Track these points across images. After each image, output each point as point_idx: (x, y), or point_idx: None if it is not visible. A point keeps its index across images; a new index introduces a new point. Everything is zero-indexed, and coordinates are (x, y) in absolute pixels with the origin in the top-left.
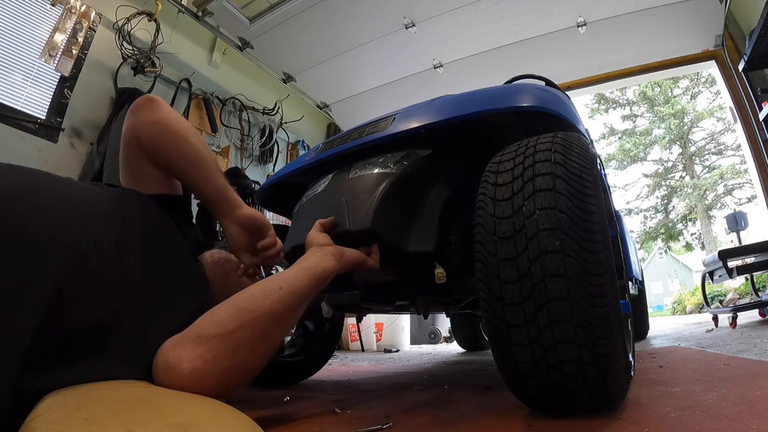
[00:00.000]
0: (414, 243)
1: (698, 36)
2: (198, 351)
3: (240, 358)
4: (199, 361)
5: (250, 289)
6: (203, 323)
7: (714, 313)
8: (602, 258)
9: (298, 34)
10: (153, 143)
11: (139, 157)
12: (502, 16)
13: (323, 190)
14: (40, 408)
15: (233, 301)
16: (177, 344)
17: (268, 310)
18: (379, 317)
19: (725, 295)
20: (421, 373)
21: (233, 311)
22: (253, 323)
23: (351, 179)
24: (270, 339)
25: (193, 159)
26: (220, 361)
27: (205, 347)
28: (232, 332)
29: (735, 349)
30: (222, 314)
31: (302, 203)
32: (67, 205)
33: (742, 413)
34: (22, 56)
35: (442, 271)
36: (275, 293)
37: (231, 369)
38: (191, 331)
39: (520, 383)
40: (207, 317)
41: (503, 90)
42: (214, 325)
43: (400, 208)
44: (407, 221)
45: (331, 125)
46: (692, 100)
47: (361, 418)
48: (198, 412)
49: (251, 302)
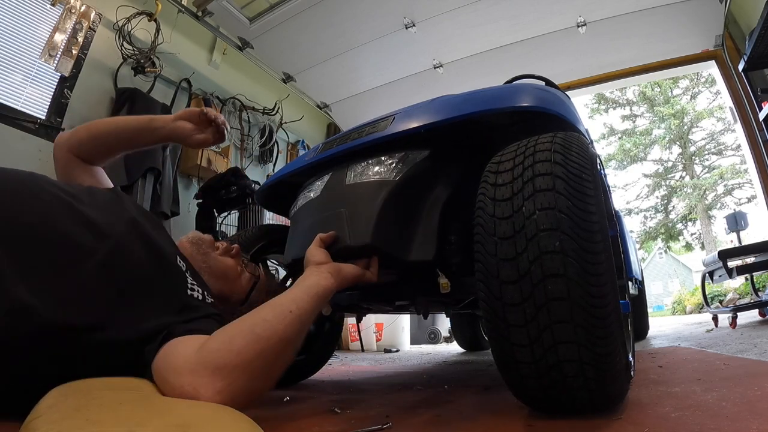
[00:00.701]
0: (415, 252)
1: (698, 36)
2: (218, 386)
3: (256, 385)
4: (218, 397)
5: (262, 313)
6: (221, 351)
7: (714, 313)
8: (602, 258)
9: (298, 34)
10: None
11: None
12: (502, 16)
13: (320, 196)
14: (40, 408)
15: (248, 326)
16: (193, 371)
17: (282, 335)
18: (379, 317)
19: (725, 295)
20: (421, 373)
21: (251, 338)
22: (269, 350)
23: (348, 186)
24: (282, 363)
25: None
26: (238, 393)
27: (225, 381)
28: (251, 362)
29: (735, 349)
30: (240, 342)
31: (298, 207)
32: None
33: (742, 413)
34: (22, 56)
35: (446, 281)
36: (287, 317)
37: (246, 394)
38: (209, 358)
39: (520, 383)
40: (225, 344)
41: (503, 90)
42: (233, 355)
43: (400, 217)
44: (408, 230)
45: (331, 125)
46: (692, 100)
47: (361, 418)
48: (198, 413)
49: (267, 328)
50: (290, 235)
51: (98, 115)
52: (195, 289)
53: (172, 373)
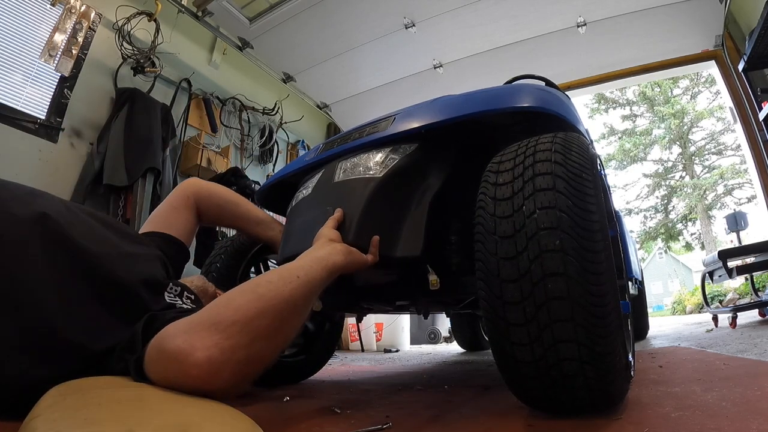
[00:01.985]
0: (402, 248)
1: (698, 36)
2: (214, 339)
3: (257, 347)
4: (215, 350)
5: (267, 275)
6: (218, 308)
7: (714, 313)
8: (602, 257)
9: (298, 34)
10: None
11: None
12: (502, 16)
13: (311, 194)
14: (39, 408)
15: (250, 286)
16: (188, 330)
17: (287, 297)
18: (379, 317)
19: (725, 295)
20: (421, 373)
21: (252, 297)
22: (272, 310)
23: (336, 184)
24: (287, 328)
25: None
26: (238, 350)
27: (222, 335)
28: (252, 319)
29: (735, 349)
30: (240, 300)
31: (293, 206)
32: None
33: (742, 413)
34: (22, 56)
35: (436, 278)
36: (294, 281)
37: (248, 359)
38: (203, 316)
39: (520, 383)
40: (222, 302)
41: (503, 90)
42: (231, 311)
43: (385, 214)
44: (394, 227)
45: (331, 125)
46: (692, 100)
47: (361, 418)
48: (198, 412)
49: (271, 288)
50: (284, 233)
51: (98, 115)
52: None
53: (165, 341)
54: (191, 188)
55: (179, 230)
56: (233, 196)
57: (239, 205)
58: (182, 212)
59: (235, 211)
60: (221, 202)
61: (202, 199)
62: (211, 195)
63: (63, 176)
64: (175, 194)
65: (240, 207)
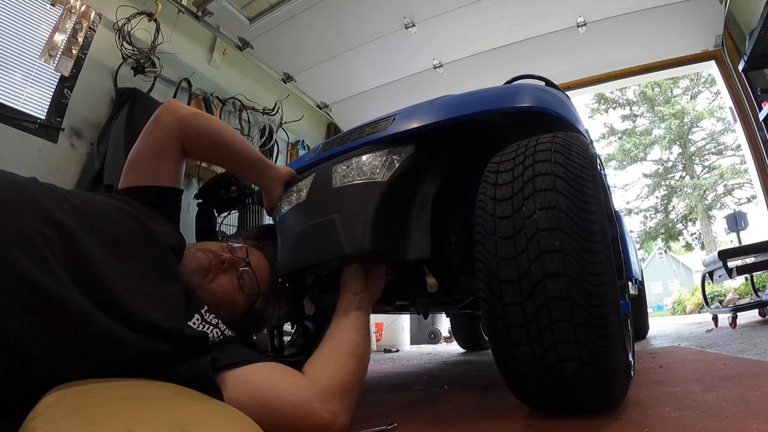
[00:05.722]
0: (413, 251)
1: (698, 36)
2: (345, 402)
3: None
4: (349, 412)
5: (353, 336)
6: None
7: (714, 313)
8: (602, 258)
9: (298, 34)
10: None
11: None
12: (502, 16)
13: (306, 200)
14: (39, 408)
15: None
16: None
17: (368, 354)
18: (379, 317)
19: (725, 295)
20: (421, 373)
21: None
22: (366, 366)
23: (336, 189)
24: None
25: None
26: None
27: (349, 398)
28: (361, 381)
29: (735, 349)
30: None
31: (284, 212)
32: None
33: (742, 413)
34: (22, 56)
35: (434, 281)
36: (366, 338)
37: None
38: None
39: (520, 383)
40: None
41: (503, 90)
42: (350, 376)
43: (394, 218)
44: (403, 230)
45: (331, 125)
46: (692, 100)
47: (361, 418)
48: (198, 412)
49: (363, 349)
50: (280, 243)
51: (98, 115)
52: None
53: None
54: (176, 123)
55: (169, 179)
56: (223, 134)
57: (229, 147)
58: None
59: (224, 153)
60: (208, 142)
61: (190, 138)
62: (199, 135)
63: (63, 176)
64: (158, 134)
65: (230, 149)
